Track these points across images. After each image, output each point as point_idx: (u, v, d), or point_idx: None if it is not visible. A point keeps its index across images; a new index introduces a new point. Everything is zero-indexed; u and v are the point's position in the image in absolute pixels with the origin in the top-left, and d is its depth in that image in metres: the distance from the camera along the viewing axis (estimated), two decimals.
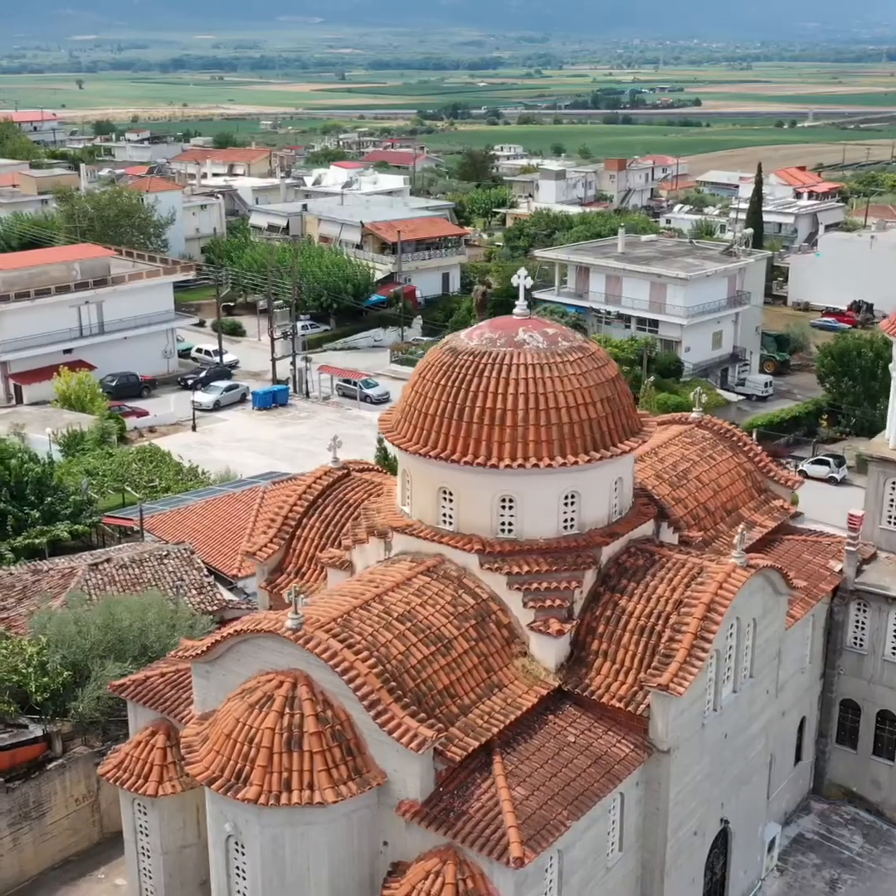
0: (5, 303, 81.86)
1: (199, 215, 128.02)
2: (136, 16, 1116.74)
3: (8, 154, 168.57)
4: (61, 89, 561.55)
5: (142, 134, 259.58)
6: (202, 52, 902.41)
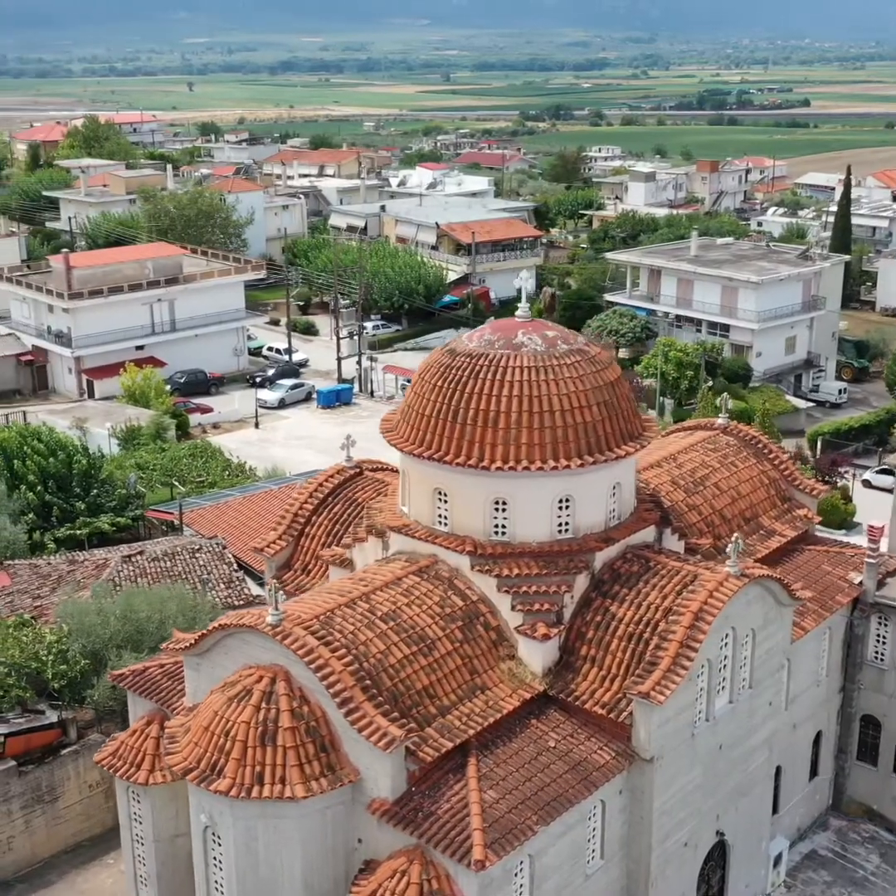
0: (79, 300, 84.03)
1: (282, 215, 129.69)
2: (246, 19, 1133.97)
3: (106, 155, 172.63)
4: (172, 91, 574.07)
5: (240, 135, 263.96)
6: (310, 54, 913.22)
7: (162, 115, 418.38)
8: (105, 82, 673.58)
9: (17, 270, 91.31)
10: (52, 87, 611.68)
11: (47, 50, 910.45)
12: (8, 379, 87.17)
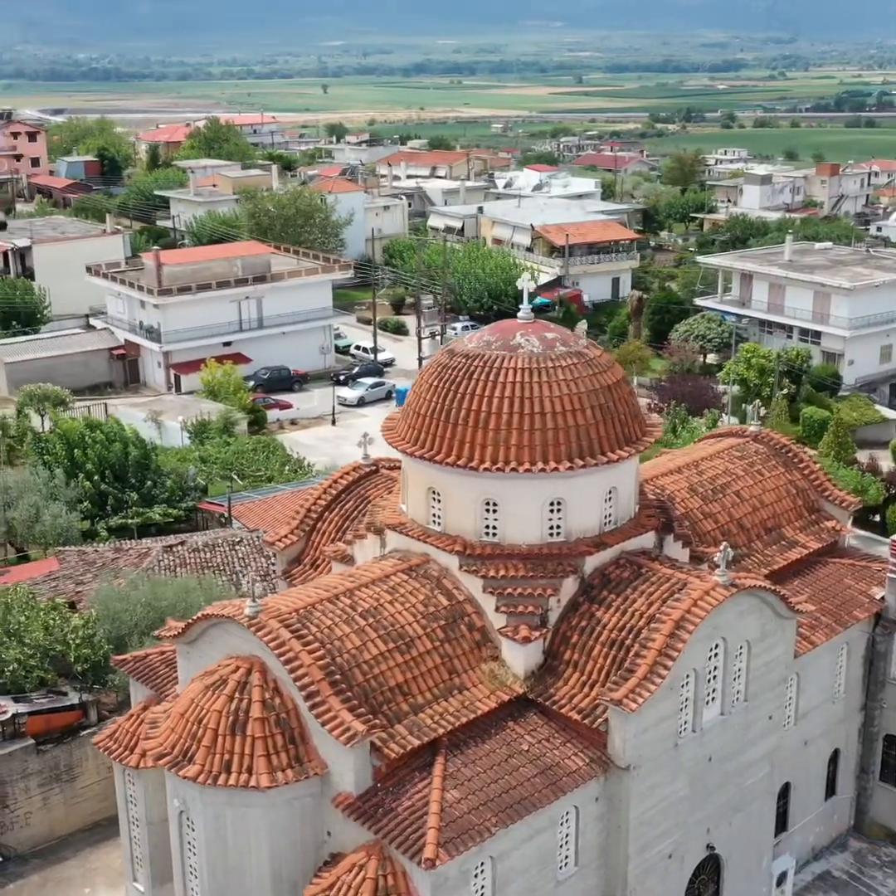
0: (169, 296, 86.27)
1: (383, 216, 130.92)
2: (383, 21, 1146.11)
3: (224, 156, 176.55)
4: (307, 94, 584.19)
5: (361, 137, 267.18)
6: (444, 56, 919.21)
7: (294, 116, 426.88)
8: (242, 85, 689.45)
9: (115, 267, 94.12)
10: (191, 90, 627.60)
11: (189, 54, 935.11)
12: (101, 372, 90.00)
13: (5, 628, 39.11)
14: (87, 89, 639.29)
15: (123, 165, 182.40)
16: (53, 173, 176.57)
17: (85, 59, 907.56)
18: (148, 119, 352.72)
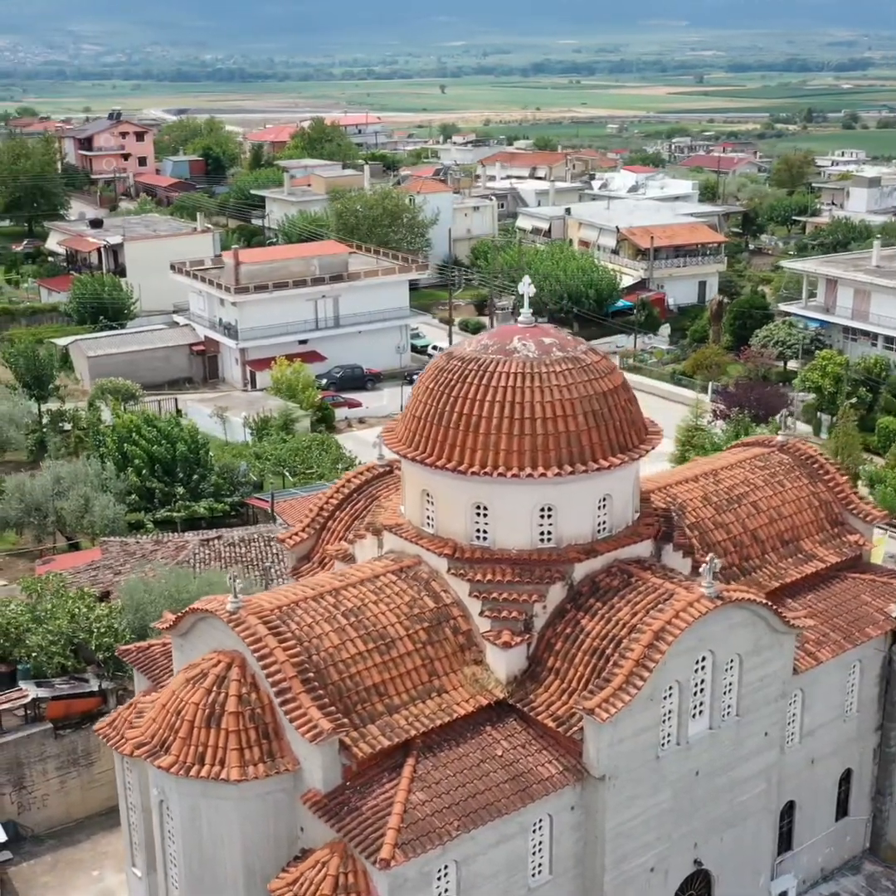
0: (245, 294, 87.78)
1: (472, 217, 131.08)
2: (504, 21, 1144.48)
3: (326, 156, 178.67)
4: (425, 94, 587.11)
5: (467, 137, 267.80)
6: (563, 56, 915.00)
7: (411, 116, 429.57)
8: (362, 85, 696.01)
9: (199, 265, 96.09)
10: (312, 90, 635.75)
11: (312, 54, 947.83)
12: (181, 367, 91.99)
13: (34, 615, 40.34)
14: (212, 90, 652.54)
15: (227, 165, 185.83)
16: (159, 172, 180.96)
17: (211, 60, 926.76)
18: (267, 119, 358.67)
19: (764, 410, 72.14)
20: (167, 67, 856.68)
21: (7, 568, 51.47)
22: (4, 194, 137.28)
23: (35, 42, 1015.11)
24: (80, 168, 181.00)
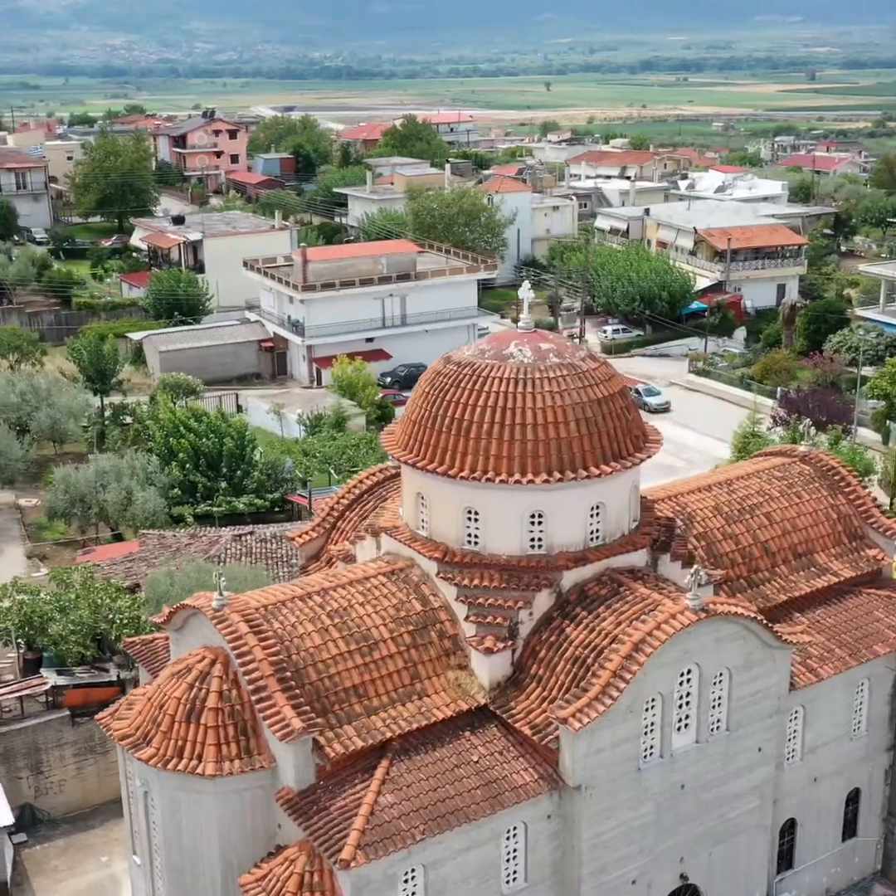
0: (312, 291, 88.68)
1: (551, 216, 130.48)
2: (612, 18, 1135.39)
3: (415, 154, 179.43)
4: (529, 91, 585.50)
5: (562, 135, 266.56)
6: (672, 53, 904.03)
7: (514, 114, 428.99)
8: (468, 83, 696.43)
9: (271, 262, 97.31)
10: (418, 88, 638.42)
11: (418, 52, 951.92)
12: (250, 363, 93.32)
13: (59, 604, 41.39)
14: (319, 87, 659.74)
15: (318, 162, 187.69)
16: (251, 169, 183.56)
17: (319, 58, 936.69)
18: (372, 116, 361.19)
19: (826, 418, 70.67)
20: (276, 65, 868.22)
21: (53, 557, 52.89)
22: (96, 191, 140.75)
23: (150, 40, 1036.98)
24: (174, 165, 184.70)
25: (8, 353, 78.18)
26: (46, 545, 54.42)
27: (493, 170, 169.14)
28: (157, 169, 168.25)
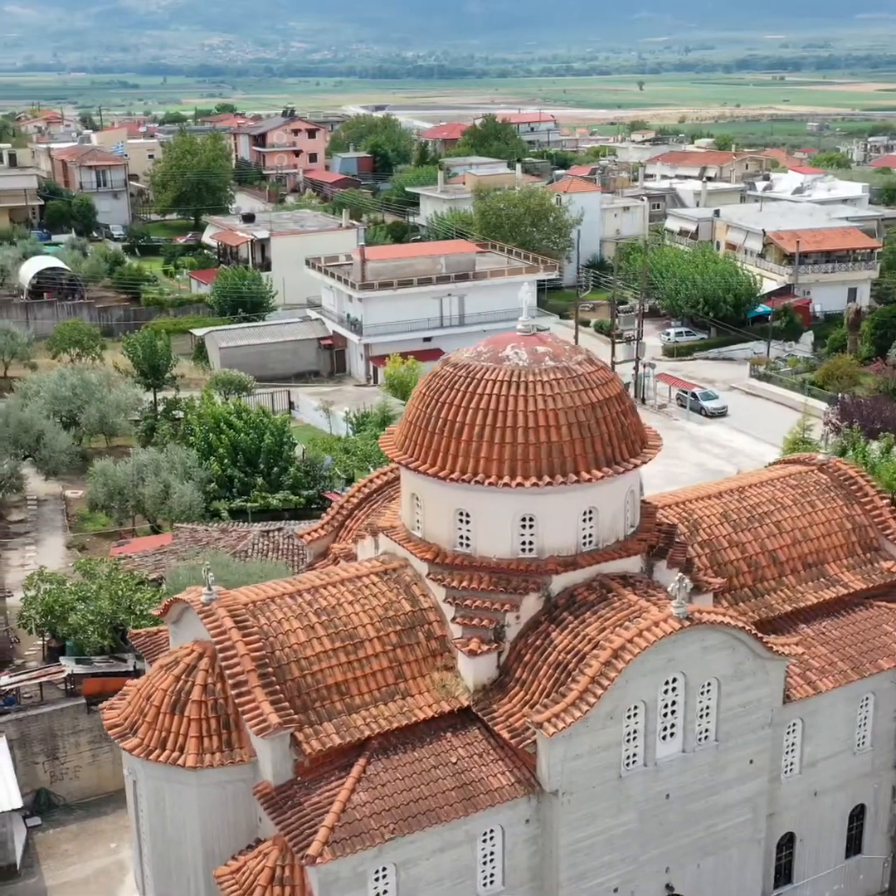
0: (370, 290, 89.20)
1: (622, 217, 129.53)
2: (708, 16, 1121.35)
3: (493, 153, 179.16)
4: (622, 90, 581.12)
5: (646, 135, 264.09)
6: (769, 51, 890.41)
7: (605, 113, 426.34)
8: (560, 82, 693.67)
9: (333, 261, 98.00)
10: (509, 87, 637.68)
11: (512, 51, 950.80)
12: (309, 360, 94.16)
13: (81, 595, 42.29)
14: (411, 87, 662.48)
15: (396, 162, 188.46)
16: (328, 168, 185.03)
17: (412, 57, 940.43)
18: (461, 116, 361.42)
19: (880, 425, 69.12)
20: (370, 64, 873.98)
21: (92, 548, 53.95)
22: (173, 189, 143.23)
23: (247, 40, 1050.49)
24: (254, 164, 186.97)
25: (69, 348, 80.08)
26: (87, 536, 55.56)
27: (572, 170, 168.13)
28: (236, 167, 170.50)
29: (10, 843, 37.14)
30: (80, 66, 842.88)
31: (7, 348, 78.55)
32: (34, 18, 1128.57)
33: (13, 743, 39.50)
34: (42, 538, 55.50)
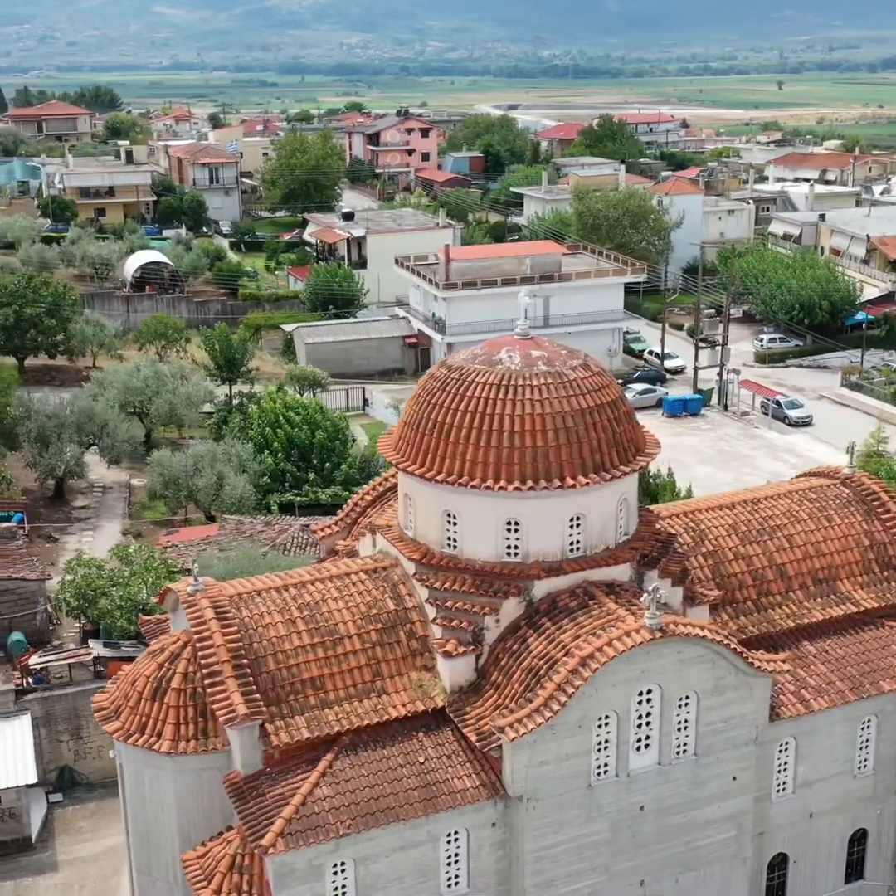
0: (453, 290, 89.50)
1: (726, 220, 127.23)
2: (853, 15, 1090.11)
3: (607, 154, 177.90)
4: (760, 90, 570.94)
5: (772, 136, 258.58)
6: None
7: (740, 113, 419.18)
8: (696, 81, 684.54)
9: (423, 260, 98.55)
10: (644, 87, 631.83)
11: (649, 50, 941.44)
12: (394, 358, 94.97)
13: (115, 580, 43.58)
14: (545, 86, 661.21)
15: (508, 161, 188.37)
16: (441, 168, 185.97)
17: (548, 56, 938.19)
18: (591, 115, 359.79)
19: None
20: (505, 63, 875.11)
21: (148, 535, 55.49)
22: (282, 186, 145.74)
23: (385, 39, 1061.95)
24: (367, 162, 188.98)
25: (155, 340, 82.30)
26: (144, 524, 57.14)
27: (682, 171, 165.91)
28: (350, 166, 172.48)
29: (24, 816, 38.49)
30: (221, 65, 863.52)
31: (95, 339, 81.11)
32: (181, 19, 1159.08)
33: (38, 721, 40.93)
34: (101, 524, 57.25)
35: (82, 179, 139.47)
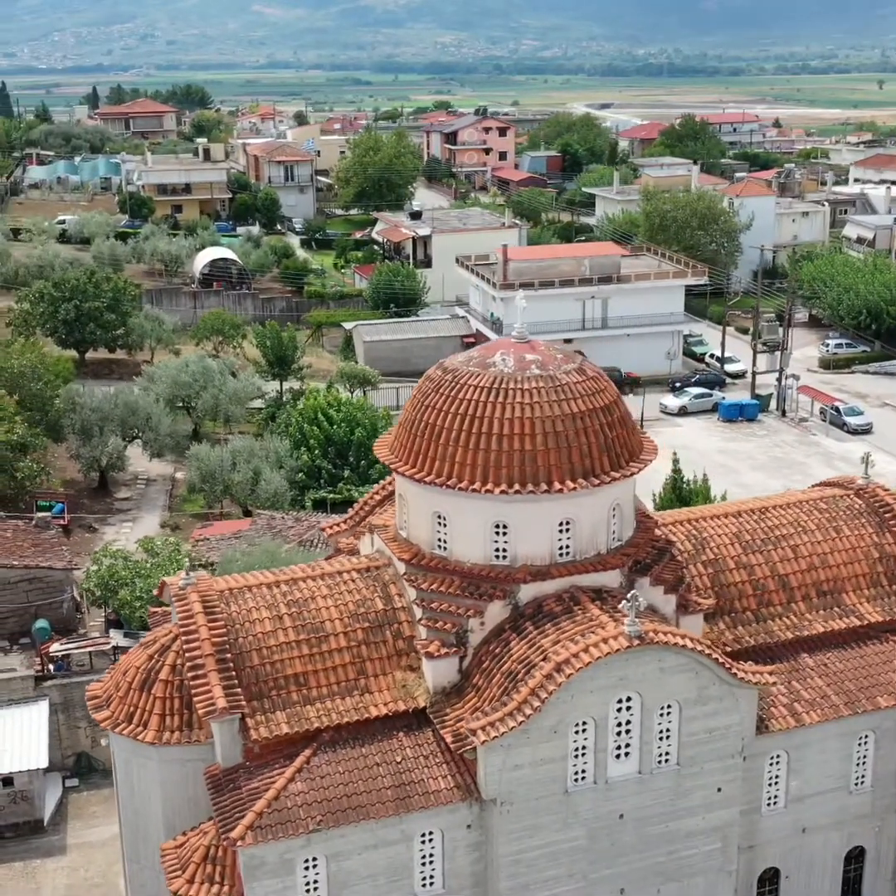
0: (510, 290, 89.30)
1: (800, 222, 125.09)
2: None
3: (688, 154, 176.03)
4: (860, 90, 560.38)
5: (862, 136, 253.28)
6: None
7: (838, 113, 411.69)
8: (794, 80, 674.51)
9: (484, 260, 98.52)
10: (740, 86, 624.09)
11: (747, 49, 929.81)
12: None
13: (136, 572, 44.41)
14: (639, 84, 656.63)
15: (586, 161, 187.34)
16: (518, 167, 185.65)
17: (643, 54, 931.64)
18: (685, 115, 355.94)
19: None
20: (599, 62, 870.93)
21: (186, 528, 56.42)
22: (355, 185, 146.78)
23: (479, 38, 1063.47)
24: (444, 161, 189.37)
25: (211, 336, 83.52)
26: (182, 516, 58.09)
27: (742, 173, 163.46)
28: (427, 164, 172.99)
29: (37, 799, 39.44)
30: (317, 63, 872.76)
31: (154, 334, 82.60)
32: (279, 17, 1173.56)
33: (57, 707, 41.91)
34: (141, 516, 58.35)
35: (160, 176, 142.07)
